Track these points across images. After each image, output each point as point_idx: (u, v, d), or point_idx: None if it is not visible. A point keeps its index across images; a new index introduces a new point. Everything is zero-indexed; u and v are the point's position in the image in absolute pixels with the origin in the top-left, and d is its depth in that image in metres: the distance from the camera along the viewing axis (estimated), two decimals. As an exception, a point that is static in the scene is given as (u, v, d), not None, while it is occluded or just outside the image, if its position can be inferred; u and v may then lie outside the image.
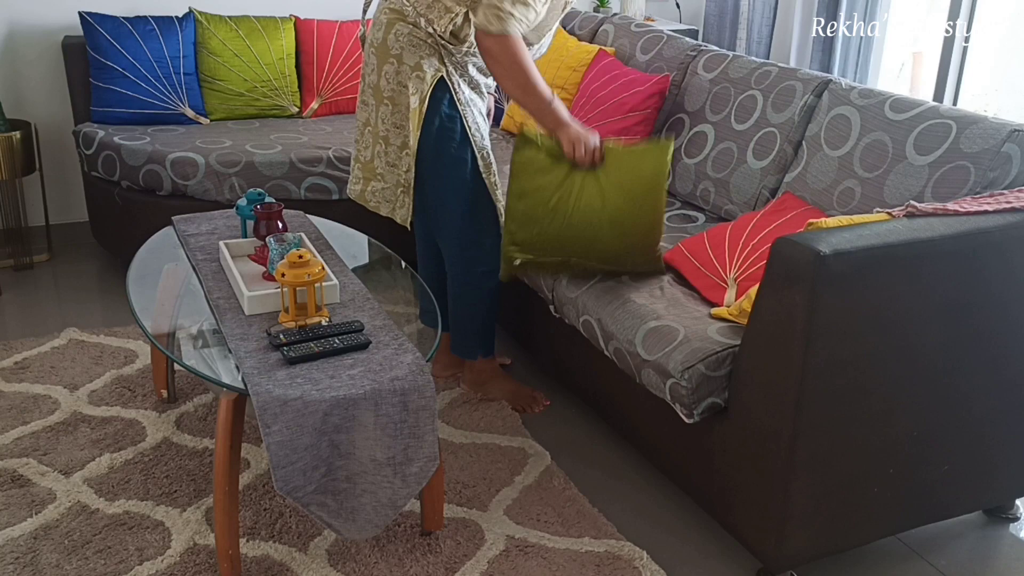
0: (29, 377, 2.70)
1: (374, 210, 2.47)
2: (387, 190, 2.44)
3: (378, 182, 2.44)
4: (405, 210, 2.43)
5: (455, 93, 2.35)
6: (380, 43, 2.35)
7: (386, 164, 2.41)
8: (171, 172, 3.16)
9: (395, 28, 2.32)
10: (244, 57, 3.62)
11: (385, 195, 2.44)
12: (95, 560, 1.98)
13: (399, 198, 2.42)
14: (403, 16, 2.33)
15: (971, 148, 2.11)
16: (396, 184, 2.42)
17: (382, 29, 2.35)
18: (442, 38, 2.32)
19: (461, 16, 2.29)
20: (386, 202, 2.45)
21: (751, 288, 2.01)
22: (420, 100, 2.31)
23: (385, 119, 2.38)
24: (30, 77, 3.64)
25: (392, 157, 2.40)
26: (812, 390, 1.75)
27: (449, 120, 2.35)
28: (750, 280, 2.19)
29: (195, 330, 2.06)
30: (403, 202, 2.42)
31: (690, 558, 2.09)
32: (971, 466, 2.03)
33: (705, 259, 2.33)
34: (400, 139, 2.37)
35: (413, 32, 2.31)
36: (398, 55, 2.32)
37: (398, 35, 2.32)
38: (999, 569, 2.11)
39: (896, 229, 1.79)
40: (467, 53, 2.36)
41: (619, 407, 2.38)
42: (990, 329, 1.91)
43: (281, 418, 1.72)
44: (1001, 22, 3.17)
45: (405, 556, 2.03)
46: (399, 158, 2.39)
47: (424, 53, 2.31)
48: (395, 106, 2.36)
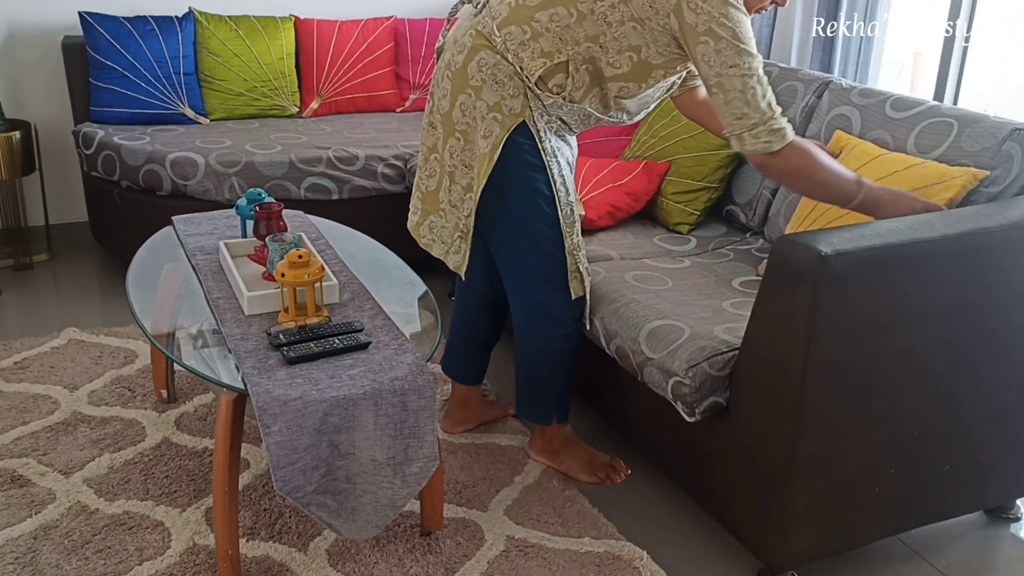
0: (29, 377, 2.70)
1: (425, 247, 2.23)
2: (445, 230, 2.18)
3: (439, 218, 2.18)
4: (460, 256, 2.17)
5: (540, 141, 2.05)
6: (459, 69, 2.04)
7: (449, 203, 2.15)
8: (171, 172, 3.16)
9: (479, 56, 2.01)
10: (244, 57, 3.62)
11: (443, 235, 2.19)
12: (95, 560, 1.97)
13: (455, 242, 2.17)
14: (490, 44, 2.01)
15: (972, 147, 2.11)
16: (455, 227, 2.16)
17: (464, 53, 2.04)
18: (529, 79, 2.01)
19: (562, 63, 1.98)
20: (441, 243, 2.20)
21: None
22: (492, 146, 2.02)
23: (454, 153, 2.10)
24: (30, 77, 3.64)
25: (455, 197, 2.13)
26: (813, 390, 1.75)
27: (532, 170, 2.06)
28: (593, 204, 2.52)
29: (195, 330, 2.05)
30: (459, 247, 2.17)
31: (690, 558, 2.09)
32: (972, 466, 2.03)
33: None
34: (466, 180, 2.11)
35: (499, 64, 2.00)
36: (477, 88, 2.02)
37: (482, 65, 2.00)
38: (1000, 569, 2.10)
39: (897, 229, 1.79)
40: (554, 104, 2.03)
41: (619, 406, 2.37)
42: (991, 329, 1.90)
43: (281, 418, 1.71)
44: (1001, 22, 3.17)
45: (405, 556, 2.03)
46: (462, 200, 2.13)
47: (508, 92, 2.00)
48: (467, 142, 2.08)
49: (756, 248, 2.61)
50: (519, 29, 1.99)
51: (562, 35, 1.97)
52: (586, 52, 1.98)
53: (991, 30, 3.17)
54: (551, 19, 1.97)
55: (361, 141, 3.46)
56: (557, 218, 2.11)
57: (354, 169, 3.32)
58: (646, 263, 2.47)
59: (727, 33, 1.83)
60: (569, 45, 1.97)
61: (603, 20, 1.95)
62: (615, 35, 1.95)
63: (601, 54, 1.98)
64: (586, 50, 1.97)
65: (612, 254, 2.52)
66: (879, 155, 2.19)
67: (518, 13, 2.00)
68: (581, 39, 1.97)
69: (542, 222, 2.10)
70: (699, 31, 1.84)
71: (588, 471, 2.34)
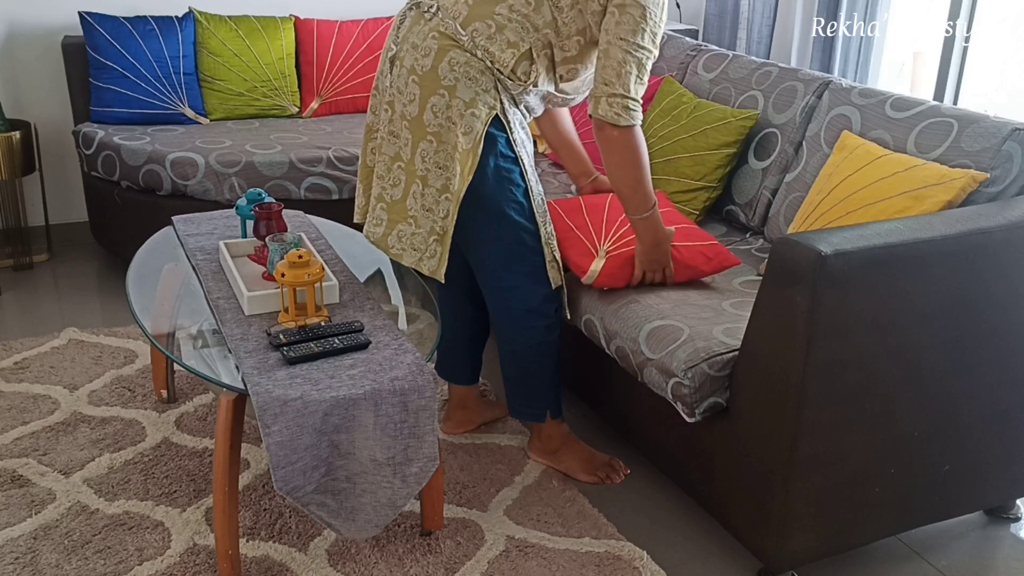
0: (29, 377, 2.70)
1: (395, 258, 2.19)
2: (416, 236, 2.14)
3: (407, 226, 2.14)
4: (436, 260, 2.13)
5: (511, 133, 2.10)
6: (428, 72, 2.04)
7: (421, 207, 2.12)
8: (171, 172, 3.16)
9: (449, 55, 2.02)
10: (244, 57, 3.62)
11: (414, 242, 2.14)
12: (95, 560, 1.97)
13: (430, 247, 2.13)
14: (457, 43, 2.04)
15: (972, 147, 2.11)
16: (429, 231, 2.12)
17: (431, 56, 2.04)
18: (501, 72, 2.05)
19: (526, 51, 2.05)
20: (413, 250, 2.15)
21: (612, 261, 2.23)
22: (475, 141, 2.05)
23: (426, 157, 2.08)
24: (30, 77, 3.64)
25: (429, 200, 2.10)
26: (813, 390, 1.75)
27: (506, 162, 2.10)
28: (617, 258, 2.25)
29: (195, 330, 2.05)
30: (434, 251, 2.13)
31: (690, 558, 2.09)
32: (972, 466, 2.03)
33: (580, 222, 2.36)
34: (441, 181, 2.08)
35: (470, 62, 2.03)
36: (451, 87, 2.03)
37: (453, 64, 2.02)
38: (1000, 569, 2.10)
39: (897, 229, 1.79)
40: (523, 92, 2.10)
41: (619, 406, 2.37)
42: (991, 329, 1.90)
43: (281, 418, 1.72)
44: (1001, 22, 3.17)
45: (405, 556, 2.03)
46: (436, 202, 2.10)
47: (481, 88, 2.04)
48: (440, 143, 2.06)
49: (756, 248, 2.61)
50: (484, 24, 2.04)
51: (523, 23, 2.05)
52: (544, 38, 2.07)
53: (991, 30, 3.17)
54: (511, 10, 2.05)
55: (361, 141, 3.46)
56: (531, 209, 2.17)
57: (354, 169, 3.32)
58: (646, 263, 2.47)
59: (635, 11, 1.99)
60: (530, 32, 2.06)
61: (555, 6, 2.05)
62: (565, 20, 2.06)
63: (555, 39, 2.08)
64: (544, 36, 2.07)
65: (612, 254, 2.52)
66: (881, 156, 2.19)
67: (478, 9, 2.06)
68: (540, 26, 2.06)
69: (518, 214, 2.15)
70: (615, 3, 2.02)
71: (588, 471, 2.35)
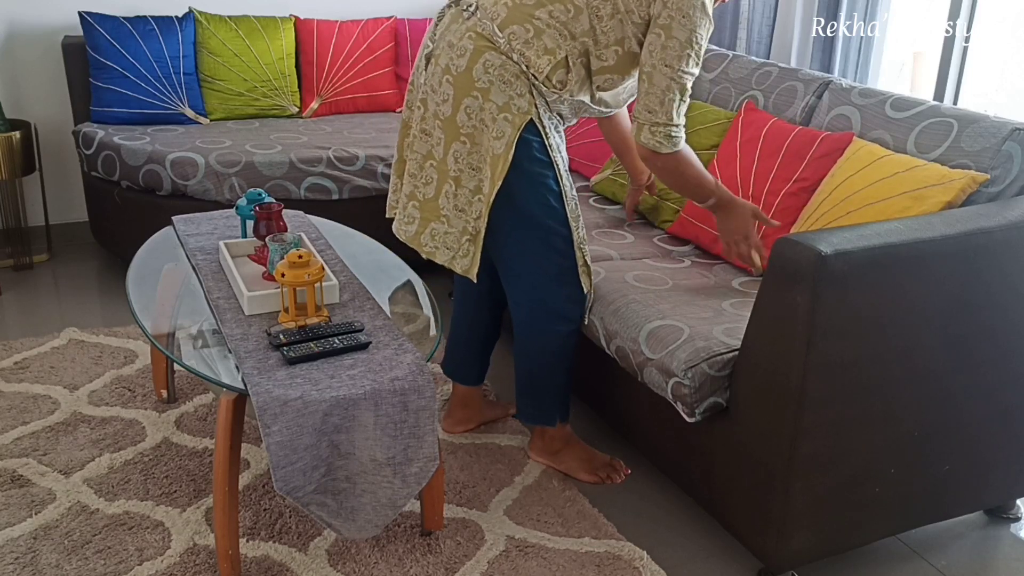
0: (29, 377, 2.70)
1: (427, 256, 2.19)
2: (449, 235, 2.14)
3: (440, 224, 2.14)
4: (468, 260, 2.14)
5: (546, 138, 2.08)
6: (462, 72, 2.02)
7: (454, 208, 2.12)
8: (171, 172, 3.16)
9: (484, 57, 2.00)
10: (244, 57, 3.62)
11: (447, 240, 2.14)
12: (95, 560, 1.97)
13: (463, 246, 2.14)
14: (493, 45, 2.01)
15: (972, 146, 2.11)
16: (462, 231, 2.13)
17: (466, 56, 2.02)
18: (536, 78, 2.03)
19: (562, 59, 2.02)
20: (446, 248, 2.15)
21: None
22: (507, 146, 2.03)
23: (460, 158, 2.07)
24: (30, 77, 3.64)
25: (462, 201, 2.10)
26: (813, 390, 1.75)
27: (541, 166, 2.09)
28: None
29: (195, 330, 2.05)
30: (467, 251, 2.14)
31: (690, 558, 2.09)
32: (972, 466, 2.03)
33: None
34: (474, 182, 2.08)
35: (505, 65, 2.01)
36: (484, 90, 2.01)
37: (488, 66, 2.01)
38: (1000, 569, 2.10)
39: (897, 229, 1.79)
40: (557, 100, 2.08)
41: (619, 406, 2.37)
42: (991, 329, 1.90)
43: (281, 418, 1.71)
44: (1001, 22, 3.17)
45: (405, 556, 2.03)
46: (469, 203, 2.10)
47: (515, 92, 2.02)
48: (473, 145, 2.06)
49: (756, 248, 2.61)
50: (521, 28, 2.02)
51: (561, 31, 2.02)
52: (581, 47, 2.04)
53: (991, 30, 3.17)
54: (550, 15, 2.02)
55: (361, 141, 3.46)
56: (565, 213, 2.14)
57: (354, 169, 3.32)
58: (646, 263, 2.47)
59: (682, 35, 1.96)
60: (567, 40, 2.03)
61: (595, 14, 2.02)
62: (604, 29, 2.03)
63: (593, 48, 2.05)
64: (581, 44, 2.04)
65: (612, 254, 2.52)
66: (881, 156, 2.19)
67: (517, 12, 2.03)
68: (578, 34, 2.03)
69: (551, 218, 2.13)
70: (659, 22, 1.97)
71: (588, 471, 2.34)
